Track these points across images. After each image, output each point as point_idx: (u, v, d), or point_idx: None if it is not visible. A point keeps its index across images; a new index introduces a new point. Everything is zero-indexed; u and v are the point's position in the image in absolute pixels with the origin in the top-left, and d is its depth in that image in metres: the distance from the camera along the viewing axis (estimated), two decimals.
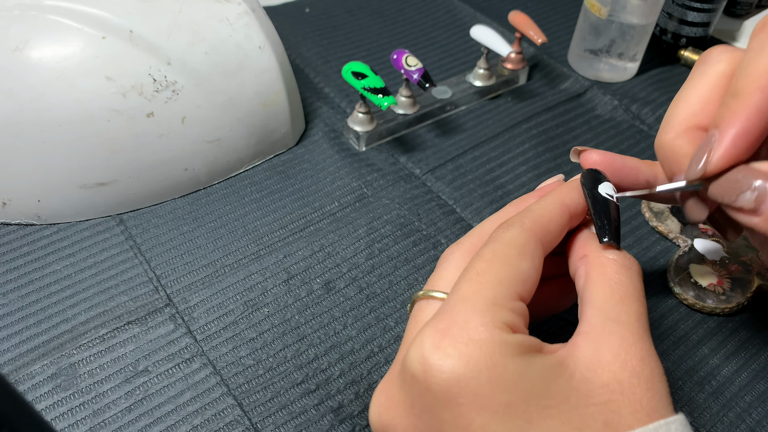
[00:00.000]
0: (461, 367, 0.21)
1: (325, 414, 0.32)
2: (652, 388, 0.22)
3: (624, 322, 0.23)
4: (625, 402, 0.21)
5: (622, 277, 0.24)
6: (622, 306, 0.23)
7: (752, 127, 0.23)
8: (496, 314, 0.22)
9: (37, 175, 0.38)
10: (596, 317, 0.23)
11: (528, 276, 0.24)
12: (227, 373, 0.33)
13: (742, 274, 0.38)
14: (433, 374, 0.21)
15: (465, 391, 0.21)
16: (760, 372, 0.34)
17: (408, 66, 0.44)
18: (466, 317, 0.22)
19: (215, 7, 0.40)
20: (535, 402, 0.21)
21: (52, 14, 0.36)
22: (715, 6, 0.54)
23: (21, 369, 0.32)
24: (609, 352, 0.22)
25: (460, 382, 0.21)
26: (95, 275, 0.37)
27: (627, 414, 0.21)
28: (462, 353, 0.21)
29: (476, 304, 0.22)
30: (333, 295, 0.37)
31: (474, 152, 0.47)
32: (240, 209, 0.42)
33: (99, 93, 0.36)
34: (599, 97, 0.53)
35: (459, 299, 0.23)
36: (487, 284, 0.23)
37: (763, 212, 0.23)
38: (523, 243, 0.24)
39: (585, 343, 0.22)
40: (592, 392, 0.21)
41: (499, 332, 0.22)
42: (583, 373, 0.22)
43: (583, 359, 0.22)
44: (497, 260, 0.24)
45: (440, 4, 0.64)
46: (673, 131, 0.26)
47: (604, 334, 0.22)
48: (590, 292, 0.24)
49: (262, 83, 0.42)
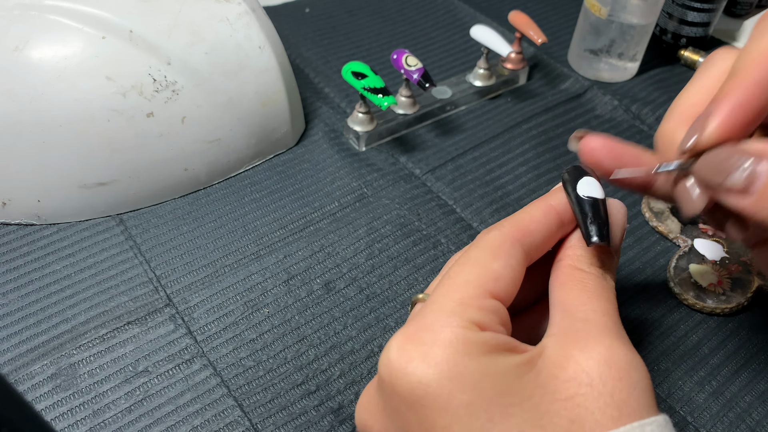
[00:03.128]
0: (423, 368, 0.21)
1: (325, 415, 0.32)
2: (625, 377, 0.21)
3: (591, 320, 0.23)
4: (594, 395, 0.20)
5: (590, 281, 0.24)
6: (589, 305, 0.23)
7: (748, 101, 0.22)
8: (462, 314, 0.22)
9: (37, 175, 0.38)
10: (564, 320, 0.23)
11: (500, 275, 0.23)
12: (227, 374, 0.33)
13: (742, 275, 0.38)
14: (398, 377, 0.21)
15: (427, 393, 0.21)
16: (760, 372, 0.34)
17: (408, 66, 0.44)
18: (432, 319, 0.22)
19: (215, 7, 0.40)
20: (497, 400, 0.21)
21: (52, 14, 0.36)
22: (715, 6, 0.54)
23: (21, 369, 0.32)
24: (575, 347, 0.22)
25: (422, 383, 0.21)
26: (95, 275, 0.37)
27: (595, 409, 0.20)
28: (424, 355, 0.21)
29: (443, 306, 0.22)
30: (333, 296, 0.37)
31: (474, 152, 0.47)
32: (240, 209, 0.42)
33: (99, 93, 0.36)
34: (599, 97, 0.53)
35: (428, 303, 0.23)
36: (454, 286, 0.23)
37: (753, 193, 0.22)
38: (497, 245, 0.24)
39: (552, 343, 0.22)
40: (558, 388, 0.21)
41: (463, 331, 0.22)
42: (550, 370, 0.21)
43: (550, 357, 0.22)
44: (468, 263, 0.24)
45: (440, 4, 0.64)
46: (673, 121, 0.26)
47: (571, 332, 0.22)
48: (559, 295, 0.24)
49: (262, 83, 0.42)
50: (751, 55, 0.23)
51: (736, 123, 0.23)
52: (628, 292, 0.38)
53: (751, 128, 0.23)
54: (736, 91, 0.23)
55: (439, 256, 0.39)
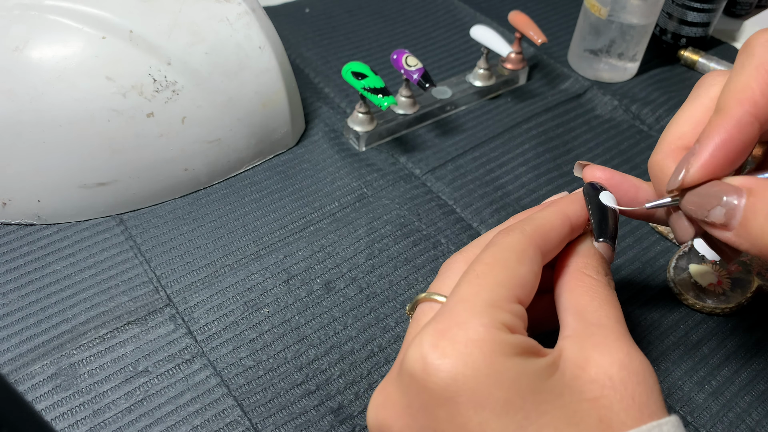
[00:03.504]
0: (460, 365, 0.21)
1: (325, 415, 0.32)
2: (642, 381, 0.22)
3: (605, 325, 0.24)
4: (617, 397, 0.21)
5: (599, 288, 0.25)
6: (601, 311, 0.24)
7: (731, 139, 0.23)
8: (494, 315, 0.22)
9: (37, 175, 0.38)
10: (578, 322, 0.24)
11: (526, 281, 0.24)
12: (227, 374, 0.33)
13: (741, 275, 0.38)
14: (432, 373, 0.21)
15: (463, 389, 0.21)
16: (760, 372, 0.34)
17: (408, 66, 0.44)
18: (465, 318, 0.22)
19: (215, 7, 0.40)
20: (532, 399, 0.21)
21: (52, 14, 0.36)
22: (715, 6, 0.54)
23: (21, 369, 0.32)
24: (594, 349, 0.23)
25: (458, 380, 0.21)
26: (95, 275, 0.37)
27: (619, 410, 0.21)
28: (460, 352, 0.21)
29: (475, 305, 0.23)
30: (333, 296, 0.37)
31: (474, 152, 0.47)
32: (240, 209, 0.42)
33: (99, 93, 0.36)
34: (599, 98, 0.53)
35: (458, 300, 0.23)
36: (486, 286, 0.23)
37: (733, 227, 0.23)
38: (522, 249, 0.25)
39: (570, 345, 0.23)
40: (583, 388, 0.22)
41: (497, 332, 0.22)
42: (572, 371, 0.22)
43: (570, 359, 0.23)
44: (497, 264, 0.24)
45: (440, 4, 0.64)
46: (662, 152, 0.27)
47: (587, 335, 0.23)
48: (569, 299, 0.25)
49: (262, 83, 0.42)
50: (732, 92, 0.24)
51: (719, 162, 0.24)
52: (628, 292, 0.38)
53: (737, 164, 0.24)
54: (719, 130, 0.24)
55: (439, 256, 0.39)
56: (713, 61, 0.55)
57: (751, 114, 0.23)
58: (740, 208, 0.23)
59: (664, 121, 0.50)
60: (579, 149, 0.48)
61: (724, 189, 0.23)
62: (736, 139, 0.23)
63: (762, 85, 0.23)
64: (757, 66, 0.24)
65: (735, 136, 0.23)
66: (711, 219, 0.24)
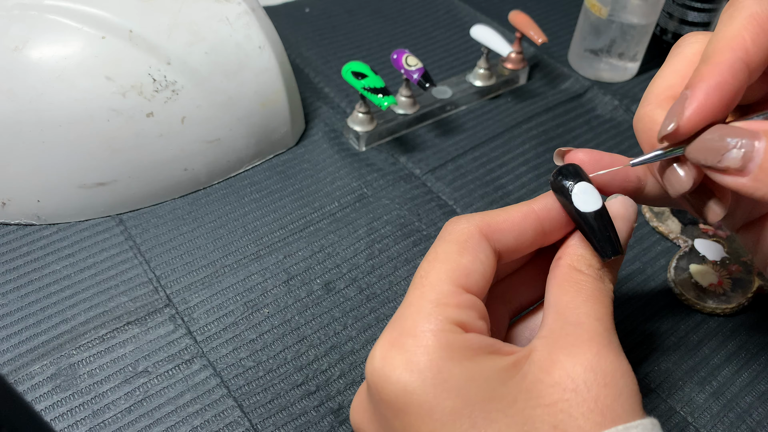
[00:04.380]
0: (407, 376, 0.21)
1: (325, 415, 0.32)
2: (610, 383, 0.21)
3: (583, 323, 0.22)
4: (578, 401, 0.20)
5: (587, 283, 0.24)
6: (583, 308, 0.23)
7: (725, 82, 0.22)
8: (442, 315, 0.22)
9: (37, 175, 0.38)
10: (556, 322, 0.23)
11: (471, 270, 0.23)
12: (227, 375, 0.33)
13: (742, 275, 0.38)
14: (383, 385, 0.21)
15: (411, 400, 0.21)
16: (760, 372, 0.34)
17: (408, 66, 0.44)
18: (412, 323, 0.22)
19: (215, 6, 0.40)
20: (481, 406, 0.21)
21: (51, 14, 0.36)
22: (716, 6, 0.54)
23: (21, 369, 0.32)
24: (562, 351, 0.22)
25: (407, 391, 0.21)
26: (95, 275, 0.37)
27: (578, 415, 0.20)
28: (408, 362, 0.21)
29: (422, 308, 0.22)
30: (333, 296, 0.37)
31: (474, 152, 0.47)
32: (240, 209, 0.42)
33: (99, 93, 0.36)
34: (599, 97, 0.53)
35: (406, 306, 0.23)
36: (428, 285, 0.23)
37: (751, 170, 0.22)
38: (464, 238, 0.24)
39: (541, 346, 0.22)
40: (542, 393, 0.21)
41: (446, 335, 0.22)
42: (535, 375, 0.21)
43: (537, 361, 0.22)
44: (437, 259, 0.24)
45: (440, 4, 0.64)
46: (650, 103, 0.25)
47: (561, 336, 0.22)
48: (555, 295, 0.24)
49: (262, 83, 0.42)
50: (723, 40, 0.23)
51: (713, 106, 0.22)
52: (629, 293, 0.38)
53: (728, 111, 0.23)
54: (711, 74, 0.22)
55: None
56: None
57: (742, 60, 0.22)
58: (760, 151, 0.21)
59: None
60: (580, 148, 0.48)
61: (738, 132, 0.22)
62: (729, 83, 0.22)
63: (753, 34, 0.23)
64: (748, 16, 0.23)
65: (728, 80, 0.22)
66: (725, 164, 0.22)
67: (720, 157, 0.22)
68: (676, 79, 0.25)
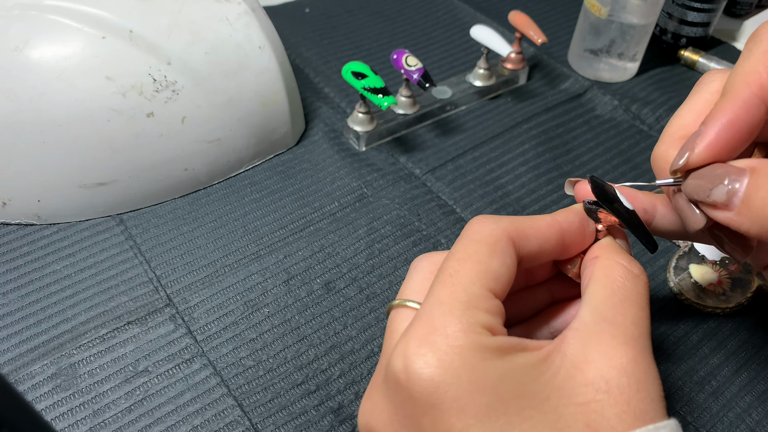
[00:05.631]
0: (441, 373, 0.21)
1: (325, 415, 0.32)
2: (643, 389, 0.21)
3: (618, 324, 0.23)
4: (611, 402, 0.21)
5: (626, 282, 0.24)
6: (619, 308, 0.23)
7: (737, 120, 0.23)
8: (473, 317, 0.22)
9: (37, 175, 0.38)
10: (590, 316, 0.23)
11: (499, 274, 0.23)
12: (227, 374, 0.33)
13: (742, 274, 0.38)
14: (415, 382, 0.21)
15: (445, 397, 0.21)
16: (760, 372, 0.34)
17: (408, 66, 0.44)
18: (444, 323, 0.22)
19: (215, 7, 0.40)
20: (515, 403, 0.21)
21: (51, 14, 0.36)
22: (715, 6, 0.54)
23: (21, 369, 0.32)
24: (597, 350, 0.22)
25: (440, 388, 0.21)
26: (95, 275, 0.37)
27: (611, 415, 0.20)
28: (442, 360, 0.21)
29: (453, 308, 0.22)
30: (333, 296, 0.37)
31: (474, 152, 0.47)
32: (240, 209, 0.42)
33: (99, 93, 0.36)
34: (599, 97, 0.53)
35: (435, 303, 0.23)
36: (460, 286, 0.23)
37: (735, 205, 0.23)
38: (494, 240, 0.24)
39: (574, 339, 0.22)
40: (575, 391, 0.21)
41: (477, 336, 0.22)
42: (568, 371, 0.21)
43: (569, 356, 0.22)
44: (468, 259, 0.24)
45: (440, 4, 0.64)
46: (665, 143, 0.27)
47: (595, 332, 0.22)
48: (591, 291, 0.24)
49: (262, 83, 0.42)
50: (740, 75, 0.24)
51: (725, 142, 0.23)
52: None
53: (743, 147, 0.24)
54: (725, 111, 0.23)
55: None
56: (713, 61, 0.55)
57: (758, 96, 0.23)
58: (743, 186, 0.22)
59: (664, 120, 0.50)
60: (579, 149, 0.48)
61: (727, 170, 0.23)
62: (743, 120, 0.23)
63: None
64: (765, 51, 0.23)
65: (741, 117, 0.23)
66: (712, 199, 0.23)
67: (708, 192, 0.23)
68: (691, 118, 0.26)
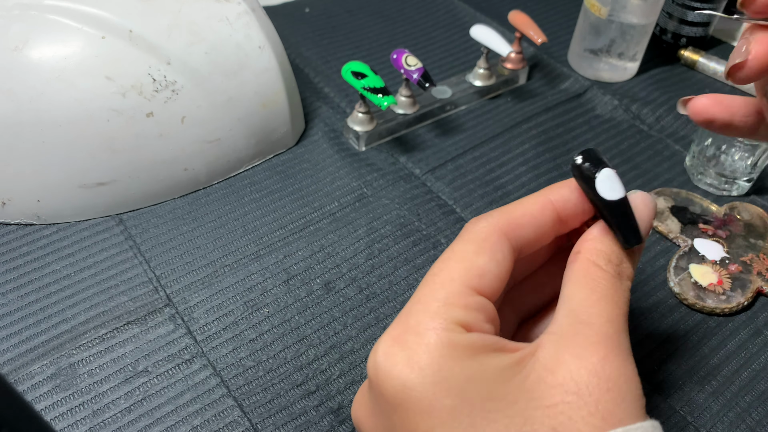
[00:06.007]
0: (408, 373, 0.21)
1: (325, 415, 0.32)
2: (613, 388, 0.21)
3: (593, 324, 0.22)
4: (580, 404, 0.20)
5: (604, 282, 0.23)
6: (595, 308, 0.23)
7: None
8: (448, 314, 0.22)
9: (37, 175, 0.38)
10: (566, 318, 0.23)
11: (485, 270, 0.23)
12: (227, 374, 0.33)
13: (742, 274, 0.38)
14: (384, 380, 0.21)
15: (411, 397, 0.21)
16: (760, 372, 0.34)
17: (408, 66, 0.44)
18: (418, 321, 0.22)
19: (215, 6, 0.40)
20: (481, 405, 0.21)
21: (51, 14, 0.36)
22: (715, 6, 0.54)
23: (20, 369, 0.32)
24: (570, 352, 0.21)
25: (406, 387, 0.21)
26: (95, 275, 0.37)
27: (578, 418, 0.20)
28: (411, 359, 0.21)
29: (428, 306, 0.22)
30: (333, 296, 0.37)
31: (474, 152, 0.47)
32: (240, 209, 0.42)
33: (98, 93, 0.36)
34: (599, 97, 0.53)
35: (413, 302, 0.23)
36: (439, 284, 0.23)
37: None
38: (483, 237, 0.24)
39: (548, 343, 0.22)
40: (544, 394, 0.21)
41: (448, 334, 0.21)
42: (539, 374, 0.21)
43: (542, 359, 0.21)
44: (452, 258, 0.24)
45: (440, 4, 0.64)
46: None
47: (570, 334, 0.22)
48: (568, 293, 0.24)
49: (262, 83, 0.42)
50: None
51: None
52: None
53: None
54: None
55: (439, 256, 0.39)
56: (713, 61, 0.55)
57: None
58: None
59: (664, 120, 0.50)
60: (579, 149, 0.48)
61: None
62: None
63: None
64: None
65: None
66: None
67: None
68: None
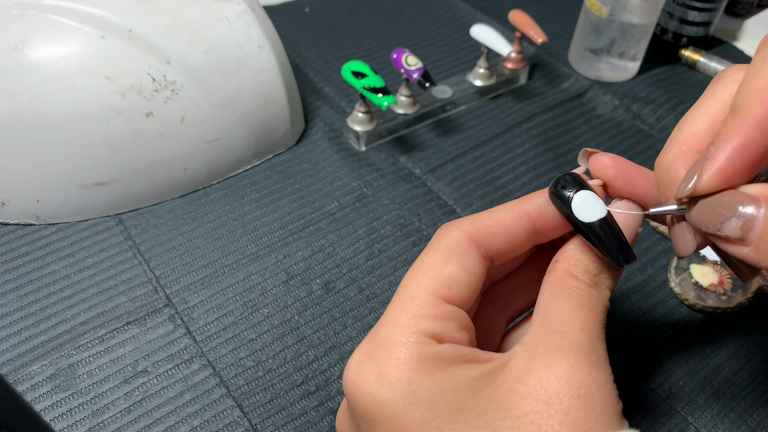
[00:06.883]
0: (378, 388, 0.21)
1: (325, 415, 0.32)
2: (585, 396, 0.20)
3: (566, 332, 0.22)
4: (550, 412, 0.20)
5: (580, 292, 0.23)
6: (569, 316, 0.22)
7: (751, 143, 0.20)
8: (418, 326, 0.22)
9: (36, 174, 0.38)
10: (540, 329, 0.22)
11: (454, 279, 0.23)
12: (227, 375, 0.33)
13: None
14: (357, 396, 0.22)
15: (383, 412, 0.21)
16: (761, 372, 0.34)
17: (408, 65, 0.44)
18: (388, 335, 0.22)
19: (215, 6, 0.40)
20: (450, 417, 0.20)
21: (51, 13, 0.36)
22: (716, 5, 0.54)
23: (20, 369, 0.32)
24: (541, 360, 0.21)
25: (377, 402, 0.21)
26: (94, 275, 0.37)
27: (548, 427, 0.20)
28: (380, 374, 0.21)
29: (398, 320, 0.22)
30: (333, 296, 0.37)
31: (474, 152, 0.47)
32: (239, 209, 0.42)
33: (98, 92, 0.36)
34: (600, 97, 0.53)
35: (384, 316, 0.23)
36: (408, 296, 0.23)
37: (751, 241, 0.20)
38: (452, 246, 0.23)
39: (521, 353, 0.22)
40: (514, 404, 0.20)
41: (418, 347, 0.21)
42: (510, 384, 0.21)
43: (514, 369, 0.21)
44: (421, 268, 0.23)
45: (440, 4, 0.64)
46: (672, 153, 0.24)
47: (542, 344, 0.22)
48: (544, 300, 0.23)
49: (262, 83, 0.42)
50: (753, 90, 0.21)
51: (736, 169, 0.20)
52: (629, 293, 0.38)
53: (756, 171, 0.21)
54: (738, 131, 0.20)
55: None
56: (714, 61, 0.55)
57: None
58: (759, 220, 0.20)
59: (664, 120, 0.50)
60: (579, 149, 0.48)
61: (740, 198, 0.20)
62: (757, 143, 0.20)
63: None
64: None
65: (755, 140, 0.20)
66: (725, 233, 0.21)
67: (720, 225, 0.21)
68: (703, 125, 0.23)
